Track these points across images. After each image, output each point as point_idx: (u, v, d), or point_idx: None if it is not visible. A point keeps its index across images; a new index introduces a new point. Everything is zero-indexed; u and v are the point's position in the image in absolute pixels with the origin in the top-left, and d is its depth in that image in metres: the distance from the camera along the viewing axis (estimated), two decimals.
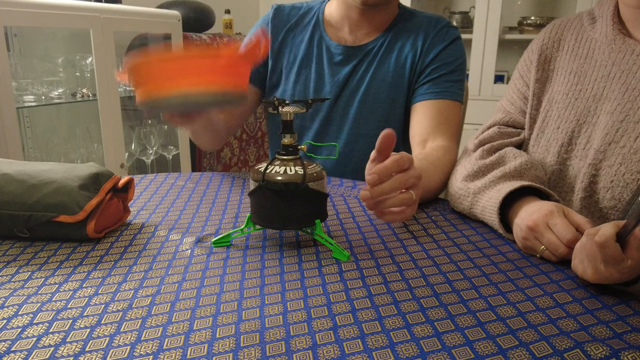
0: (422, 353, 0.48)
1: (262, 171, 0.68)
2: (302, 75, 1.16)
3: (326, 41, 1.15)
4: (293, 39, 1.17)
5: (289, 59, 1.17)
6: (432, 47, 1.11)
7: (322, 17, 1.17)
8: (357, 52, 1.13)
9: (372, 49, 1.13)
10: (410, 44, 1.12)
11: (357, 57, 1.13)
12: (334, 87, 1.14)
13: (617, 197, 0.77)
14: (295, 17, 1.18)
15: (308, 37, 1.16)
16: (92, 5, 1.96)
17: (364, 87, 1.13)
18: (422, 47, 1.11)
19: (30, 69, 1.91)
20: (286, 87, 1.17)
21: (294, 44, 1.17)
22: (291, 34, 1.18)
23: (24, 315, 0.54)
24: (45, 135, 2.17)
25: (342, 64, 1.14)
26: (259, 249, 0.72)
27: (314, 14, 1.18)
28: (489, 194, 0.79)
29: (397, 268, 0.65)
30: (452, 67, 1.10)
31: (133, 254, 0.70)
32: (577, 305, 0.57)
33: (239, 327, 0.52)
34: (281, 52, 1.18)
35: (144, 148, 2.31)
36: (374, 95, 1.13)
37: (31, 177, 0.73)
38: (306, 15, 1.19)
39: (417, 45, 1.11)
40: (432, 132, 1.05)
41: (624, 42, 0.81)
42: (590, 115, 0.82)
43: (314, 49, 1.16)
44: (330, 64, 1.15)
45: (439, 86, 1.09)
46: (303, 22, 1.18)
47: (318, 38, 1.16)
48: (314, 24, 1.17)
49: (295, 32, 1.18)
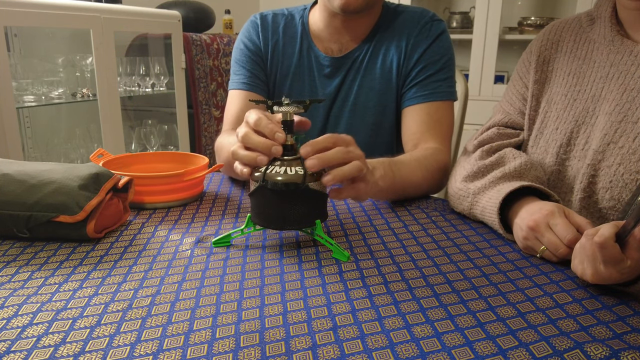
0: (422, 353, 0.48)
1: (262, 171, 0.68)
2: (295, 88, 1.14)
3: (315, 52, 1.13)
4: (284, 47, 1.14)
5: (282, 70, 1.14)
6: (417, 47, 1.08)
7: (308, 26, 1.14)
8: (344, 61, 1.11)
9: (358, 57, 1.11)
10: (395, 46, 1.09)
11: (345, 68, 1.11)
12: (326, 100, 1.13)
13: (616, 197, 0.77)
14: (281, 25, 1.15)
15: (298, 49, 1.13)
16: (92, 5, 1.96)
17: (353, 96, 1.11)
18: (405, 49, 1.08)
19: (30, 69, 1.91)
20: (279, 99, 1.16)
21: (286, 55, 1.14)
22: (281, 43, 1.14)
23: (23, 315, 0.54)
24: (45, 135, 2.17)
25: (330, 76, 1.12)
26: (259, 249, 0.72)
27: (298, 22, 1.15)
28: (488, 194, 0.79)
29: (397, 268, 0.65)
30: (439, 65, 1.08)
31: (133, 254, 0.70)
32: (577, 306, 0.57)
33: (239, 327, 0.52)
34: (274, 61, 1.14)
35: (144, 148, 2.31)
36: (363, 103, 1.12)
37: (31, 177, 0.73)
38: (290, 24, 1.15)
39: (401, 47, 1.09)
40: (422, 136, 1.04)
41: (622, 43, 0.81)
42: (588, 116, 0.82)
43: (304, 60, 1.13)
44: (320, 76, 1.13)
45: (427, 88, 1.07)
46: (289, 31, 1.15)
47: (307, 49, 1.13)
48: (301, 34, 1.14)
49: (285, 41, 1.14)
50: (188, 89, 2.44)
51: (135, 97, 2.45)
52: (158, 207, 0.88)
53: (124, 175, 0.82)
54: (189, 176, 0.88)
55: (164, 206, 0.89)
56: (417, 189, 0.93)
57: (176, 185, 0.88)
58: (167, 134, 2.40)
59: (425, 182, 0.93)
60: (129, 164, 0.99)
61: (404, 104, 1.09)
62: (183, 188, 0.90)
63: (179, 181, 0.88)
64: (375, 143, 1.14)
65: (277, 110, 0.69)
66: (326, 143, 0.69)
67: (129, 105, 2.53)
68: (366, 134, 1.13)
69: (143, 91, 2.32)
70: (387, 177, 0.82)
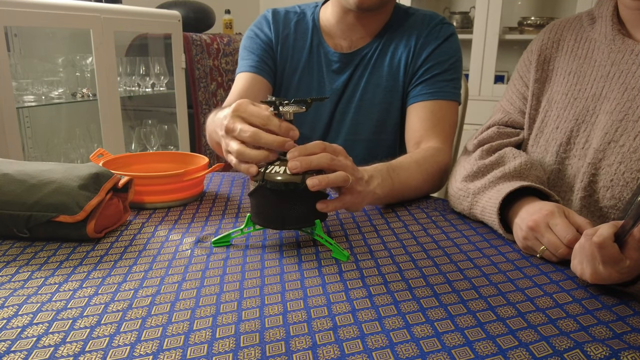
0: (422, 353, 0.48)
1: (262, 171, 0.68)
2: (304, 82, 1.15)
3: (324, 47, 1.14)
4: (295, 42, 1.16)
5: (291, 64, 1.16)
6: (425, 46, 1.09)
7: (319, 22, 1.16)
8: (353, 58, 1.13)
9: (367, 54, 1.12)
10: (404, 45, 1.11)
11: (353, 64, 1.13)
12: (333, 95, 1.14)
13: (617, 196, 0.77)
14: (293, 21, 1.17)
15: (308, 45, 1.15)
16: (92, 5, 1.96)
17: (359, 93, 1.13)
18: (414, 47, 1.10)
19: (30, 69, 1.91)
20: (287, 94, 1.17)
21: (296, 49, 1.16)
22: (292, 38, 1.16)
23: (24, 315, 0.54)
24: (45, 135, 2.17)
25: (339, 71, 1.13)
26: (259, 249, 0.72)
27: (309, 19, 1.17)
28: (488, 194, 0.79)
29: (397, 268, 0.65)
30: (446, 65, 1.09)
31: (133, 254, 0.70)
32: (577, 306, 0.57)
33: (239, 327, 0.52)
34: (283, 54, 1.16)
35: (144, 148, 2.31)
36: (369, 100, 1.12)
37: (31, 177, 0.73)
38: (302, 20, 1.17)
39: (410, 46, 1.10)
40: (424, 134, 1.04)
41: (623, 42, 0.81)
42: (589, 115, 0.82)
43: (314, 56, 1.15)
44: (329, 71, 1.14)
45: (433, 87, 1.08)
46: (301, 27, 1.17)
47: (317, 45, 1.15)
48: (312, 29, 1.16)
49: (296, 36, 1.16)
50: (188, 89, 2.44)
51: (135, 97, 2.45)
52: (158, 207, 0.88)
53: (124, 175, 0.82)
54: (189, 176, 0.88)
55: (164, 206, 0.89)
56: (417, 192, 0.93)
57: (176, 185, 0.88)
58: (167, 134, 2.40)
59: (425, 185, 0.93)
60: (129, 164, 0.99)
61: (409, 101, 1.10)
62: (183, 188, 0.90)
63: (179, 181, 0.88)
64: (379, 140, 1.15)
65: (279, 109, 0.69)
66: (314, 149, 0.69)
67: (129, 105, 2.53)
68: (370, 131, 1.14)
69: (143, 91, 2.32)
70: (385, 184, 0.82)
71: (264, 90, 1.13)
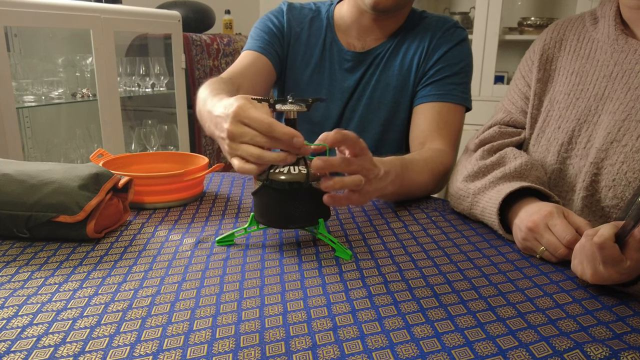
0: (422, 353, 0.48)
1: (265, 170, 0.68)
2: (315, 79, 1.16)
3: (338, 45, 1.15)
4: (308, 38, 1.16)
5: (303, 60, 1.16)
6: (437, 49, 1.10)
7: (333, 20, 1.16)
8: (365, 57, 1.13)
9: (380, 53, 1.13)
10: (416, 45, 1.11)
11: (366, 63, 1.13)
12: (344, 93, 1.14)
13: (619, 195, 0.77)
14: (308, 17, 1.17)
15: (322, 42, 1.15)
16: (92, 5, 1.96)
17: (369, 91, 1.13)
18: (427, 49, 1.10)
19: (30, 69, 1.91)
20: (297, 89, 1.17)
21: (309, 46, 1.16)
22: (305, 33, 1.16)
23: (23, 315, 0.54)
24: (45, 135, 2.17)
25: (351, 70, 1.14)
26: (259, 249, 0.72)
27: (324, 16, 1.17)
28: (488, 194, 0.79)
29: (397, 268, 0.65)
30: (456, 69, 1.09)
31: (133, 254, 0.70)
32: (577, 306, 0.57)
33: (239, 327, 0.52)
34: (294, 48, 1.16)
35: (144, 148, 2.31)
36: (378, 99, 1.13)
37: (31, 177, 0.73)
38: (316, 18, 1.18)
39: (423, 47, 1.11)
40: (429, 135, 1.04)
41: (626, 42, 0.81)
42: (591, 115, 0.82)
43: (327, 53, 1.15)
44: (341, 70, 1.14)
45: (442, 88, 1.08)
46: (315, 23, 1.17)
47: (330, 42, 1.15)
48: (326, 27, 1.16)
49: (310, 32, 1.16)
50: (188, 89, 2.44)
51: (135, 97, 2.45)
52: (158, 207, 0.88)
53: (124, 175, 0.82)
54: (189, 176, 0.88)
55: (164, 206, 0.89)
56: (422, 190, 0.93)
57: (176, 185, 0.88)
58: (167, 134, 2.40)
59: (431, 184, 0.94)
60: (129, 164, 0.99)
61: (417, 101, 1.11)
62: (183, 188, 0.90)
63: (179, 181, 0.88)
64: (386, 139, 1.16)
65: (279, 108, 0.68)
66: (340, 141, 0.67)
67: (129, 105, 2.53)
68: (377, 129, 1.14)
69: (143, 91, 2.32)
70: (397, 181, 0.82)
71: (266, 72, 1.12)
